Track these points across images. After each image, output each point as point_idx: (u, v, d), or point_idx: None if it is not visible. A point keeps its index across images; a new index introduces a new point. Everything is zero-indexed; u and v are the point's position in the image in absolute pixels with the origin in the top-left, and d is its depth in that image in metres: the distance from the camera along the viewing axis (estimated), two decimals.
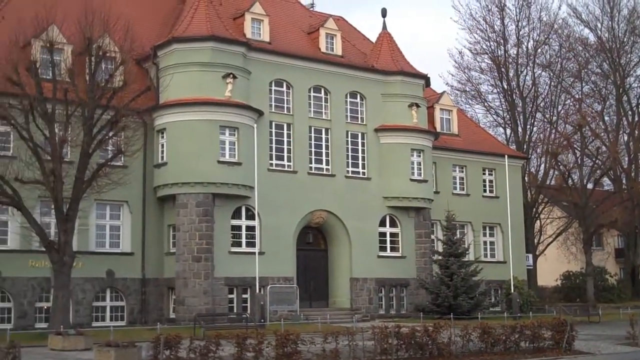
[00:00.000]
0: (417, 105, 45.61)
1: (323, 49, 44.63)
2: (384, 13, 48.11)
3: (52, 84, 31.29)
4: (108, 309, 37.85)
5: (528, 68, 64.79)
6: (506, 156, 51.28)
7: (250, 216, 39.87)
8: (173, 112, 38.39)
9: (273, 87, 41.99)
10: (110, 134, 32.33)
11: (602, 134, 62.32)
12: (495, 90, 66.02)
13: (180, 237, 37.66)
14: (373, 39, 49.58)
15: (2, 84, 30.72)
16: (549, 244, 64.59)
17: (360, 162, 44.57)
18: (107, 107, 31.77)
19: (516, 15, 64.61)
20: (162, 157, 38.80)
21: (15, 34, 32.28)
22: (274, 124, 41.64)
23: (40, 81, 31.26)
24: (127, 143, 32.56)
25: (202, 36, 38.89)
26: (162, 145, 38.95)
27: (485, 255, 50.41)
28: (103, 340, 24.08)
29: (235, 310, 38.24)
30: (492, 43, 65.04)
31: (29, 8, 35.83)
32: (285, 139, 42.02)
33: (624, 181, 65.23)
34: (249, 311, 37.88)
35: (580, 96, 67.24)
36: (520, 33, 64.35)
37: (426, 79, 47.51)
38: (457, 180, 50.67)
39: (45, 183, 30.61)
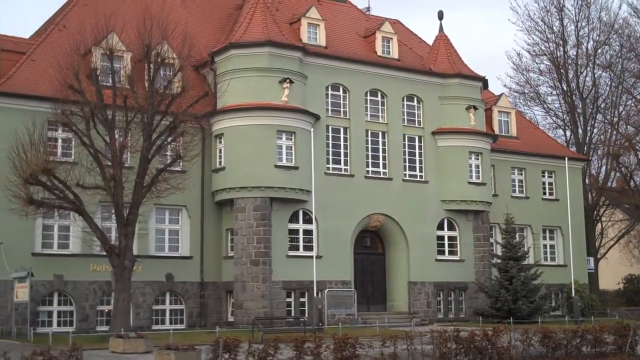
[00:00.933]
0: (475, 108, 45.27)
1: (379, 53, 44.54)
2: (440, 15, 47.88)
3: (112, 91, 31.74)
4: (167, 312, 38.29)
5: (588, 69, 63.65)
6: (566, 158, 50.53)
7: (308, 220, 39.96)
8: (230, 118, 38.70)
9: (329, 91, 42.06)
10: (169, 139, 32.67)
11: None
12: (554, 92, 64.99)
13: (238, 241, 37.92)
14: (429, 41, 49.40)
15: (64, 92, 31.21)
16: (610, 247, 63.39)
17: (417, 165, 44.36)
18: (165, 113, 32.12)
19: (575, 16, 63.54)
20: (220, 162, 39.13)
21: (76, 42, 32.87)
22: (330, 128, 41.69)
23: (100, 88, 31.75)
24: (185, 148, 32.88)
25: (259, 41, 39.14)
26: (220, 150, 39.28)
27: (545, 259, 49.81)
28: (163, 343, 24.32)
29: (293, 314, 38.34)
30: (551, 44, 64.08)
31: (89, 17, 36.48)
32: (342, 143, 42.03)
33: None
34: (306, 315, 37.95)
35: None
36: (580, 33, 63.27)
37: (484, 81, 47.13)
38: (516, 183, 50.12)
39: (106, 188, 31.05)
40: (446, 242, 44.64)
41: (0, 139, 33.37)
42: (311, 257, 39.01)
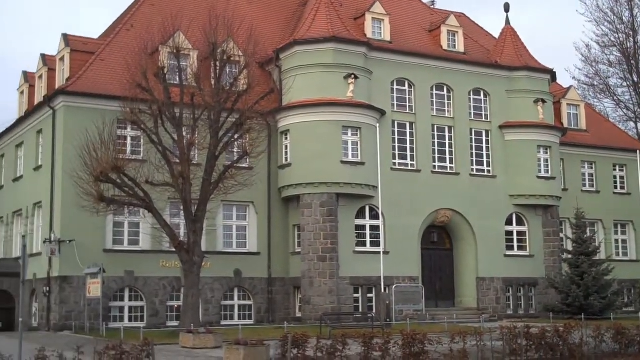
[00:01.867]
0: (543, 101, 44.56)
1: (445, 47, 44.14)
2: (506, 8, 47.21)
3: (180, 89, 32.10)
4: (236, 307, 38.58)
5: None
6: (638, 151, 49.42)
7: (374, 216, 39.83)
8: (296, 114, 38.78)
9: (395, 86, 41.83)
10: (236, 136, 32.91)
11: None
12: (624, 84, 63.68)
13: (305, 237, 38.00)
14: (496, 34, 48.77)
15: (133, 90, 31.69)
16: None
17: (485, 159, 43.85)
18: (232, 110, 32.36)
19: None
20: (286, 158, 39.24)
21: (144, 42, 33.36)
22: (396, 123, 41.46)
23: (168, 86, 32.15)
24: (252, 145, 33.04)
25: (324, 37, 39.14)
26: (286, 147, 39.40)
27: (617, 254, 48.81)
28: (232, 339, 24.43)
29: (360, 310, 38.29)
30: (620, 35, 62.78)
31: (156, 16, 37.08)
32: (408, 138, 41.77)
33: None
34: (374, 310, 37.84)
35: None
36: None
37: (552, 74, 46.34)
38: (587, 177, 49.20)
39: (174, 185, 31.41)
40: (515, 237, 44.03)
41: (71, 138, 34.05)
42: (378, 252, 38.92)
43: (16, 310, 38.13)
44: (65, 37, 38.85)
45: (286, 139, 39.45)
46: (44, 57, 41.14)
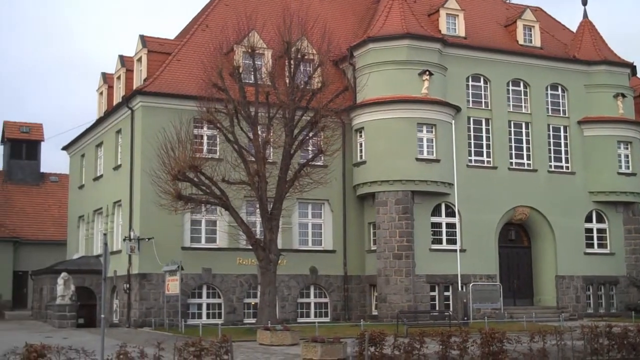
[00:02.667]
0: (623, 96, 43.53)
1: (521, 41, 43.48)
2: (584, 1, 46.24)
3: (255, 88, 32.33)
4: (312, 305, 38.68)
5: None
6: None
7: (450, 213, 39.47)
8: (370, 111, 38.68)
9: (470, 82, 41.39)
10: (311, 134, 32.98)
11: None
12: None
13: (381, 234, 37.87)
14: (573, 28, 47.80)
15: (209, 90, 32.06)
16: None
17: (563, 156, 43.04)
18: (306, 109, 32.46)
19: None
20: (361, 156, 39.17)
21: (219, 42, 33.77)
22: (471, 119, 41.02)
23: (243, 86, 32.42)
24: (326, 143, 33.04)
25: (398, 34, 38.93)
26: (361, 144, 39.32)
27: None
28: (309, 336, 24.54)
29: (437, 308, 37.99)
30: None
31: (230, 16, 37.40)
32: (483, 135, 41.29)
33: None
34: (451, 309, 37.51)
35: None
36: None
37: (632, 68, 45.21)
38: None
39: (250, 183, 31.66)
40: (595, 234, 43.11)
41: (149, 137, 34.58)
42: (455, 250, 38.60)
43: (97, 306, 38.99)
44: (143, 38, 39.50)
45: (361, 136, 39.38)
46: (121, 58, 41.92)
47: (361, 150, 39.30)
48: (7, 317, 45.33)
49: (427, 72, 38.43)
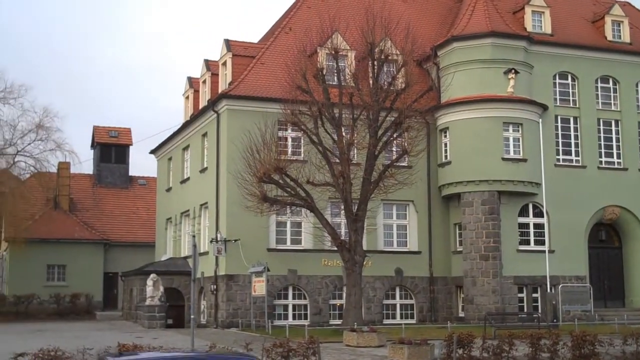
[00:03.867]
0: None
1: (609, 37, 42.43)
2: None
3: (338, 90, 32.37)
4: (398, 306, 38.49)
5: None
6: None
7: (538, 213, 38.76)
8: (455, 111, 38.29)
9: (557, 80, 40.60)
10: (395, 135, 32.86)
11: None
12: None
13: (467, 235, 37.45)
14: None
15: (293, 92, 32.25)
16: None
17: None
18: (390, 109, 32.35)
19: None
20: (446, 156, 38.81)
21: (303, 44, 33.93)
22: (559, 117, 40.24)
23: (327, 87, 32.50)
24: (411, 143, 32.87)
25: (482, 33, 38.43)
26: (446, 144, 38.96)
27: None
28: (395, 338, 24.43)
29: (525, 310, 37.35)
30: None
31: (313, 18, 37.52)
32: (572, 133, 40.45)
33: None
34: (539, 311, 36.83)
35: None
36: None
37: None
38: None
39: (335, 185, 31.71)
40: None
41: (234, 140, 34.96)
42: (543, 251, 37.88)
43: (185, 307, 39.61)
44: (227, 42, 39.98)
45: (445, 136, 39.02)
46: (207, 62, 42.52)
47: (446, 151, 38.93)
48: (99, 317, 46.45)
49: (513, 71, 37.82)
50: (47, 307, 46.80)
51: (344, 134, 32.02)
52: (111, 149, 62.34)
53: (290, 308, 36.58)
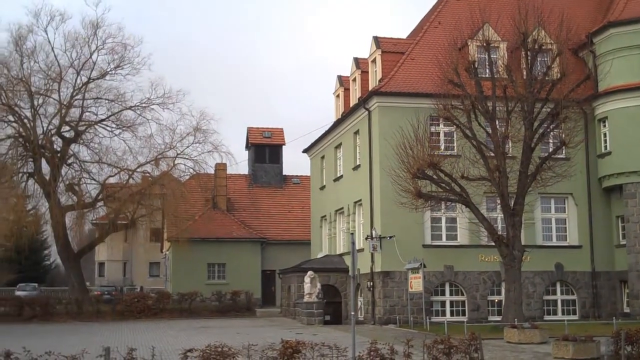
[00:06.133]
0: None
1: None
2: None
3: (491, 82, 31.81)
4: (559, 302, 37.49)
5: None
6: None
7: None
8: (614, 100, 36.89)
9: None
10: (551, 126, 31.98)
11: None
12: None
13: (630, 228, 36.02)
14: None
15: (444, 87, 31.97)
16: None
17: None
18: (546, 100, 31.49)
19: None
20: (606, 147, 37.46)
21: (453, 37, 33.57)
22: None
23: (479, 80, 31.99)
24: (569, 135, 31.89)
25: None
26: (605, 135, 37.61)
27: None
28: (558, 334, 23.80)
29: None
30: None
31: (463, 11, 37.08)
32: None
33: None
34: None
35: None
36: None
37: None
38: None
39: (490, 179, 31.19)
40: None
41: (386, 137, 35.03)
42: None
43: (342, 304, 40.02)
44: (376, 39, 40.07)
45: (604, 126, 37.65)
46: (356, 60, 42.77)
47: (605, 141, 37.57)
48: (258, 314, 47.56)
49: None
50: (209, 304, 48.27)
51: (498, 127, 31.44)
52: (265, 149, 63.78)
53: (447, 304, 36.31)
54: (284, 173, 64.60)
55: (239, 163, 65.15)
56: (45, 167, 50.57)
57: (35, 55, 50.41)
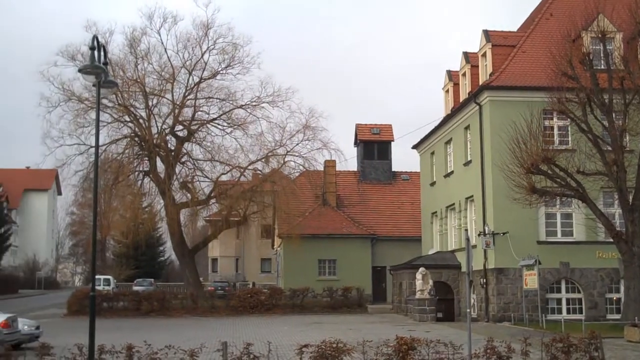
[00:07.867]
0: None
1: None
2: None
3: (607, 74, 30.97)
4: None
5: None
6: None
7: None
8: None
9: None
10: None
11: None
12: None
13: None
14: None
15: (558, 79, 31.31)
16: None
17: None
18: None
19: None
20: None
21: (566, 29, 32.82)
22: None
23: (594, 72, 31.19)
24: None
25: None
26: None
27: None
28: None
29: None
30: None
31: (576, 2, 36.26)
32: None
33: None
34: None
35: None
36: None
37: None
38: None
39: (608, 174, 30.39)
40: None
41: (498, 131, 34.52)
42: None
43: (454, 301, 39.70)
44: (486, 33, 39.56)
45: None
46: (466, 55, 42.32)
47: None
48: (370, 310, 47.63)
49: None
50: (321, 300, 48.55)
51: (615, 120, 30.59)
52: (374, 145, 63.89)
53: (563, 302, 35.54)
54: (393, 169, 64.54)
55: (348, 160, 65.36)
56: (160, 166, 51.77)
57: (149, 57, 51.62)
